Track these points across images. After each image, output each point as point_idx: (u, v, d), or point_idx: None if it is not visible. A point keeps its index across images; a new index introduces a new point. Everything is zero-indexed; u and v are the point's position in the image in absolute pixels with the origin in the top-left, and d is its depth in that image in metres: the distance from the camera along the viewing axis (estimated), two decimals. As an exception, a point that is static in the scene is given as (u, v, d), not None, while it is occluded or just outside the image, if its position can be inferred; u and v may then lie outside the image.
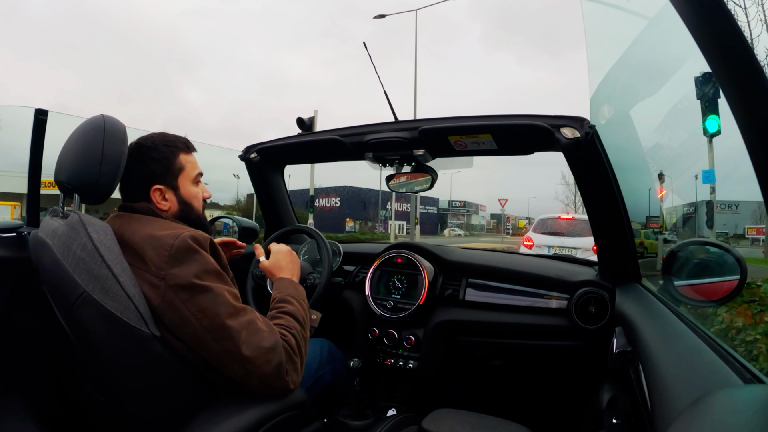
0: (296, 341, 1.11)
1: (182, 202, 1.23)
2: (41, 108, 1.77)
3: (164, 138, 1.23)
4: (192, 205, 1.25)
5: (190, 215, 1.24)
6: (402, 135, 1.61)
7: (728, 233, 16.73)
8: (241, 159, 2.07)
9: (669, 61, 0.93)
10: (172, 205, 1.21)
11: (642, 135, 1.69)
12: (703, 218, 7.59)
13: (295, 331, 1.13)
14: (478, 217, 58.68)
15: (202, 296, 1.01)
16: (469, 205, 57.30)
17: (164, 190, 1.20)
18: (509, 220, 48.96)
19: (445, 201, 53.94)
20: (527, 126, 1.39)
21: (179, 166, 1.22)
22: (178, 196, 1.22)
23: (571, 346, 1.61)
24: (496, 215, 51.57)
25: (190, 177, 1.24)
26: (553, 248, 8.71)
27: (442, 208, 52.50)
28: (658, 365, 0.89)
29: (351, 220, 34.23)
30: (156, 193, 1.19)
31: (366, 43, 1.73)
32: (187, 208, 1.24)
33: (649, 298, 1.35)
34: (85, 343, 0.99)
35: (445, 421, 1.37)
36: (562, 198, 42.44)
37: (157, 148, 1.20)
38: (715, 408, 0.59)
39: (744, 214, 23.60)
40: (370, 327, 1.84)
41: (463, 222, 55.53)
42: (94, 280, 0.95)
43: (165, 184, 1.20)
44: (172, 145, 1.22)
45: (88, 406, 1.19)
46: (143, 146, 1.19)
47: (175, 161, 1.22)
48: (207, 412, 1.03)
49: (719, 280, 1.21)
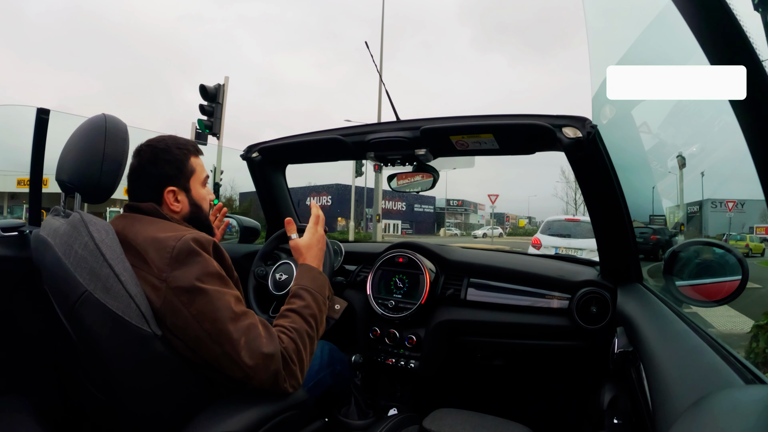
0: (296, 345, 1.09)
1: (193, 203, 1.25)
2: (43, 107, 1.78)
3: (176, 141, 1.25)
4: (201, 206, 1.27)
5: (199, 217, 1.26)
6: (404, 134, 1.61)
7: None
8: (243, 158, 2.08)
9: (670, 61, 0.93)
10: (183, 207, 1.23)
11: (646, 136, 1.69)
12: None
13: (296, 333, 1.12)
14: (476, 216, 57.53)
15: (203, 299, 1.01)
16: (467, 204, 55.93)
17: (177, 191, 1.21)
18: (508, 219, 48.40)
19: (442, 200, 52.84)
20: (529, 126, 1.39)
21: (191, 168, 1.24)
22: (189, 198, 1.24)
23: (573, 346, 1.61)
24: (497, 214, 50.95)
25: (199, 179, 1.27)
26: (560, 249, 8.98)
27: (439, 207, 51.29)
28: (660, 365, 0.89)
29: (343, 219, 33.99)
30: (170, 195, 1.20)
31: (367, 43, 1.73)
32: (198, 210, 1.26)
33: (651, 298, 1.34)
34: (87, 341, 0.99)
35: (446, 420, 1.37)
36: (561, 195, 42.33)
37: (170, 150, 1.21)
38: (716, 409, 0.59)
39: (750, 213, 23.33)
40: (371, 326, 1.84)
41: (461, 221, 54.66)
42: (96, 279, 0.95)
43: (178, 185, 1.22)
44: (184, 147, 1.24)
45: (89, 404, 1.19)
46: (156, 148, 1.21)
47: (188, 164, 1.24)
48: (208, 411, 1.03)
49: (721, 280, 1.21)
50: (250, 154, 2.03)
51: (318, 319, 1.21)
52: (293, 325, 1.14)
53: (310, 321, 1.18)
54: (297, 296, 1.21)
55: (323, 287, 1.27)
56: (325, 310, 1.25)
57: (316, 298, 1.22)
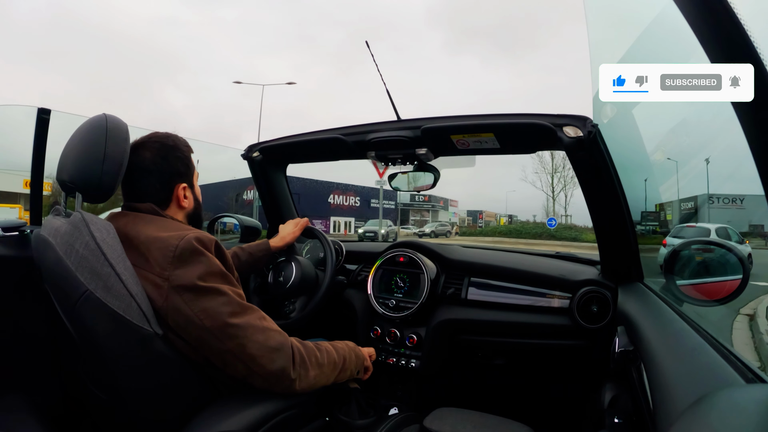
0: (320, 355, 1.19)
1: (196, 200, 1.28)
2: (44, 107, 1.78)
3: (179, 139, 1.27)
4: (200, 203, 1.31)
5: (199, 212, 1.30)
6: (404, 134, 1.61)
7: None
8: (244, 158, 2.08)
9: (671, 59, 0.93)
10: (190, 203, 1.26)
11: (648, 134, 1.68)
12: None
13: (312, 350, 1.18)
14: (447, 214, 54.01)
15: (206, 297, 1.02)
16: (435, 200, 49.75)
17: (186, 188, 1.24)
18: (482, 217, 46.07)
19: (407, 195, 43.82)
20: (529, 125, 1.39)
21: (193, 166, 1.27)
22: (194, 194, 1.27)
23: (573, 345, 1.61)
24: (472, 212, 48.44)
25: (196, 177, 1.30)
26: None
27: (404, 203, 44.68)
28: (660, 365, 0.89)
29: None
30: (181, 191, 1.22)
31: (368, 42, 1.72)
32: (199, 207, 1.30)
33: (652, 297, 1.34)
34: (88, 341, 0.99)
35: (447, 420, 1.36)
36: (539, 186, 41.30)
37: (179, 147, 1.24)
38: (716, 408, 0.59)
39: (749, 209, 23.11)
40: (372, 326, 1.85)
41: (428, 219, 51.37)
42: (97, 278, 0.95)
43: (187, 182, 1.24)
44: (187, 145, 1.27)
45: (91, 403, 1.20)
46: (165, 144, 1.22)
47: (191, 161, 1.27)
48: (209, 410, 1.04)
49: (721, 279, 1.21)
50: (250, 154, 2.04)
51: (336, 365, 1.26)
52: (316, 349, 1.20)
53: (333, 357, 1.26)
54: (335, 347, 1.30)
55: (359, 363, 1.40)
56: (345, 375, 1.33)
57: (347, 359, 1.31)
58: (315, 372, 1.14)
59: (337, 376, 1.26)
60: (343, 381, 1.34)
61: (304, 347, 1.15)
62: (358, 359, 1.39)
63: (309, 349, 1.16)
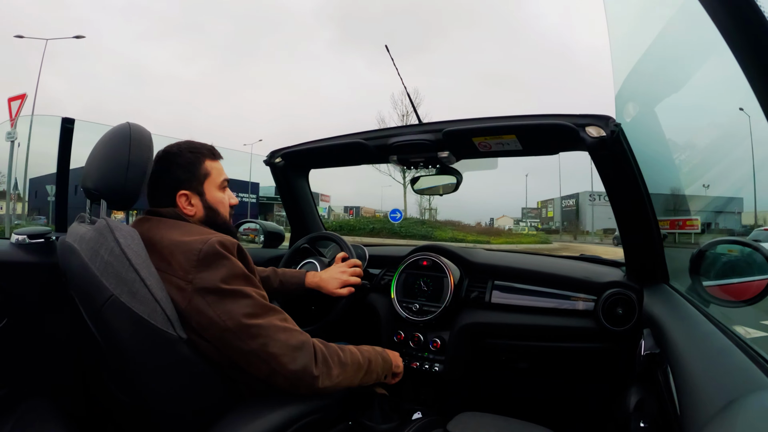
0: (344, 355, 1.19)
1: (208, 207, 1.26)
2: (68, 117, 1.83)
3: (190, 145, 1.27)
4: (218, 210, 1.28)
5: (216, 220, 1.27)
6: (426, 137, 1.62)
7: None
8: (266, 164, 2.11)
9: (694, 56, 0.91)
10: (197, 210, 1.24)
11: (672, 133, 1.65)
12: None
13: (335, 350, 1.18)
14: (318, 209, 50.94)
15: (230, 299, 1.03)
16: None
17: (190, 195, 1.23)
18: (351, 213, 41.72)
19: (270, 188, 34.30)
20: (552, 126, 1.38)
21: (204, 172, 1.25)
22: (203, 201, 1.25)
23: (598, 348, 1.59)
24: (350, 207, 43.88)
25: (215, 183, 1.27)
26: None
27: (267, 197, 35.12)
28: (687, 368, 0.87)
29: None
30: (182, 198, 1.22)
31: (388, 46, 1.73)
32: (213, 214, 1.27)
33: (678, 299, 1.31)
34: (112, 345, 1.01)
35: (471, 424, 1.36)
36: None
37: (182, 154, 1.23)
38: (747, 413, 0.58)
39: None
40: (395, 330, 1.84)
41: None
42: (122, 283, 0.97)
43: (191, 189, 1.23)
44: (197, 151, 1.25)
45: (114, 407, 1.22)
46: (170, 153, 1.23)
47: (201, 167, 1.25)
48: (232, 414, 1.04)
49: (748, 279, 1.18)
50: (273, 160, 2.06)
51: (361, 366, 1.26)
52: (340, 350, 1.20)
53: (357, 358, 1.26)
54: (360, 350, 1.30)
55: (386, 367, 1.40)
56: (372, 377, 1.33)
57: (372, 362, 1.31)
58: (338, 371, 1.14)
59: (362, 378, 1.26)
60: (369, 384, 1.34)
61: (327, 347, 1.15)
62: (386, 363, 1.38)
63: (331, 349, 1.17)
